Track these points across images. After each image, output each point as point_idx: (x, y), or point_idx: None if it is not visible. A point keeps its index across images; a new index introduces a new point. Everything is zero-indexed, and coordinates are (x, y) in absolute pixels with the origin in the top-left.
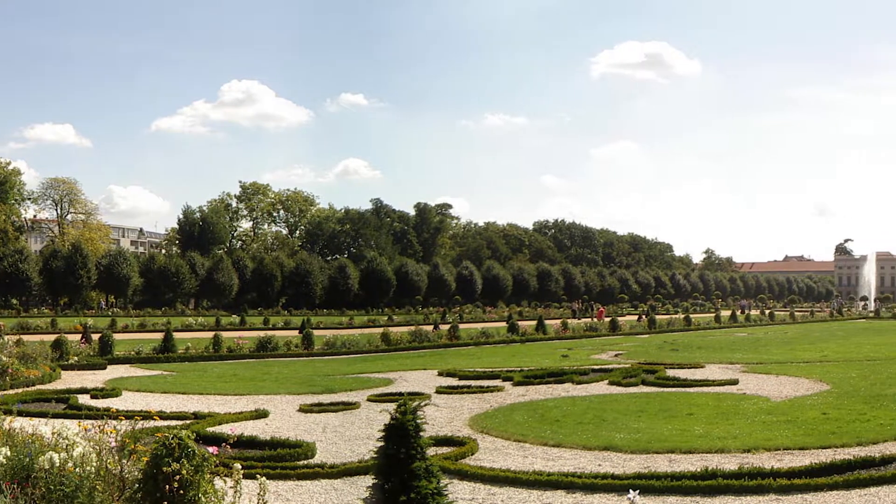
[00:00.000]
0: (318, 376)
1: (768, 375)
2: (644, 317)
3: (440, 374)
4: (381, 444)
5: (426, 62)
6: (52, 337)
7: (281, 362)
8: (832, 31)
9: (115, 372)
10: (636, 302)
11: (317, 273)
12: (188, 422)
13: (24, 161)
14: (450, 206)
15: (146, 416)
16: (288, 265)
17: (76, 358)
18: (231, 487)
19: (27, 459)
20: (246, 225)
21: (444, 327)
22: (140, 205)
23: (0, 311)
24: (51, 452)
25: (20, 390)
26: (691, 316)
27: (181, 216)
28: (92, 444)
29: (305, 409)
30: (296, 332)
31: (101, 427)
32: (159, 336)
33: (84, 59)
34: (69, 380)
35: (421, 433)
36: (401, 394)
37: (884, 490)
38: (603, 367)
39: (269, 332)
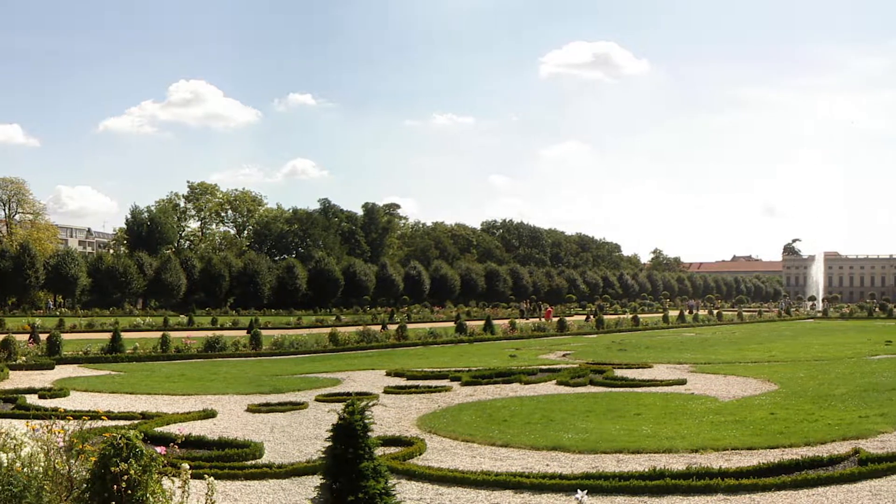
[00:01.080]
0: (266, 376)
1: (716, 375)
2: (592, 317)
3: (388, 374)
4: (329, 444)
5: (374, 62)
6: (0, 337)
7: (229, 362)
8: (779, 30)
9: (63, 372)
10: (584, 302)
11: (265, 273)
12: (136, 422)
13: None
14: (398, 207)
15: (94, 416)
16: (236, 265)
17: (24, 358)
18: (179, 487)
19: None
20: (194, 225)
21: (392, 327)
22: (88, 205)
23: None
24: None
25: None
26: (639, 316)
27: (129, 216)
28: (40, 444)
29: (253, 409)
30: (244, 332)
31: (49, 427)
32: (107, 336)
33: (32, 58)
34: (17, 380)
35: (369, 433)
36: (349, 394)
37: (832, 490)
38: (551, 367)
39: (217, 332)
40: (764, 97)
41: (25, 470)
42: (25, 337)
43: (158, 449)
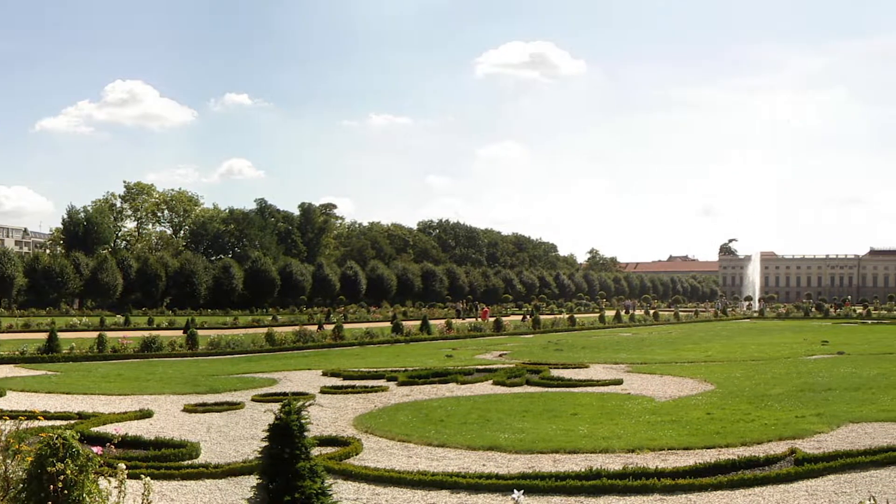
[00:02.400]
0: (202, 376)
1: (653, 375)
2: (528, 317)
3: (325, 374)
4: (266, 444)
5: (310, 62)
6: None
7: (165, 362)
8: (716, 30)
9: None
10: (521, 302)
11: (201, 273)
12: (73, 422)
13: None
14: (334, 206)
15: (31, 415)
16: (172, 265)
17: None
18: (116, 487)
19: None
20: (130, 225)
21: (329, 327)
22: (25, 205)
23: None
24: None
25: None
26: (576, 316)
27: (66, 216)
28: None
29: (190, 409)
30: (180, 333)
31: None
32: (44, 336)
33: None
34: None
35: (305, 433)
36: (285, 394)
37: (768, 490)
38: (487, 367)
39: (154, 332)
40: (701, 97)
41: None
42: None
43: (95, 449)
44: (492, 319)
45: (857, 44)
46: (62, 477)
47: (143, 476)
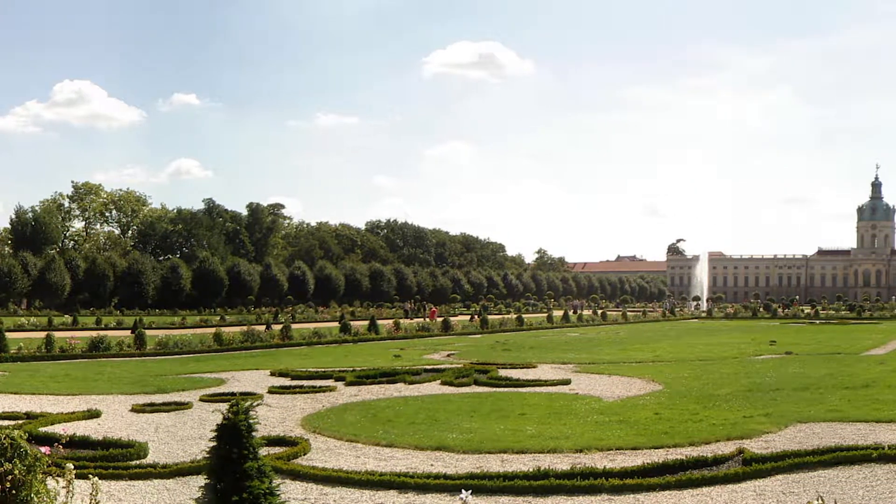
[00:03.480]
0: (150, 376)
1: (601, 375)
2: (476, 317)
3: (273, 374)
4: (214, 444)
5: (258, 62)
6: None
7: (113, 362)
8: (664, 31)
9: None
10: (469, 302)
11: (149, 273)
12: (20, 422)
13: None
14: (282, 206)
15: None
16: (120, 265)
17: None
18: (64, 487)
19: None
20: (78, 225)
21: (277, 327)
22: None
23: None
24: None
25: None
26: (524, 316)
27: (13, 216)
28: None
29: (138, 409)
30: (128, 333)
31: None
32: None
33: None
34: None
35: (253, 433)
36: (233, 394)
37: (716, 490)
38: (435, 367)
39: (102, 333)
40: (649, 97)
41: None
42: None
43: (43, 449)
44: (440, 319)
45: (800, 44)
46: (10, 477)
47: (91, 476)
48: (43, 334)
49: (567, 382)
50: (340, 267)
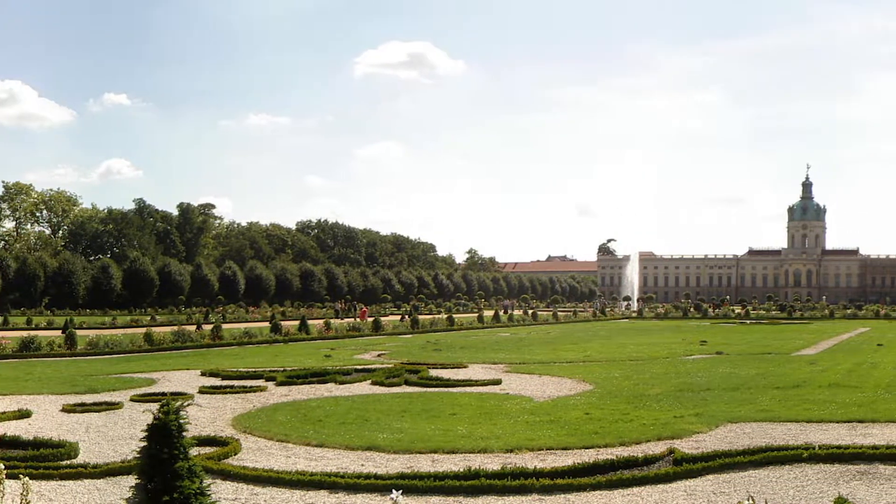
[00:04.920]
0: (81, 376)
1: (531, 375)
2: (407, 317)
3: (203, 374)
4: (145, 444)
5: (189, 62)
6: None
7: (44, 362)
8: (597, 31)
9: None
10: (399, 302)
11: (80, 273)
12: None
13: None
14: (213, 206)
15: None
16: (51, 265)
17: None
18: None
19: None
20: (9, 225)
21: (208, 327)
22: None
23: None
24: None
25: None
26: (454, 316)
27: None
28: None
29: (69, 409)
30: (59, 333)
31: None
32: None
33: None
34: None
35: (184, 433)
36: (164, 394)
37: (646, 490)
38: (366, 367)
39: (33, 332)
40: (581, 97)
41: None
42: None
43: None
44: (370, 319)
45: (733, 44)
46: None
47: (21, 476)
48: None
49: (498, 382)
50: (271, 267)
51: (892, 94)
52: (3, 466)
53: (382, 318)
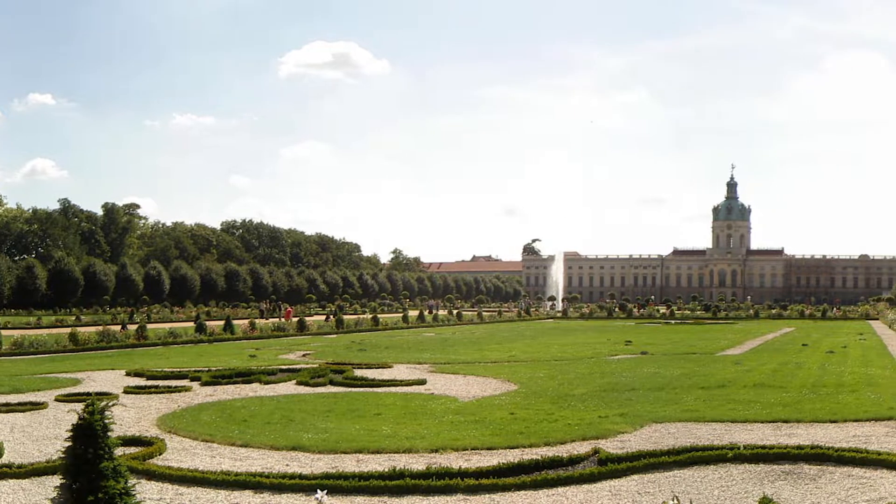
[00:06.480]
0: (5, 376)
1: (456, 375)
2: (332, 317)
3: (128, 374)
4: (69, 444)
5: (115, 62)
6: None
7: None
8: (523, 30)
9: None
10: (324, 302)
11: (4, 273)
12: None
13: None
14: (138, 207)
15: None
16: None
17: None
18: None
19: None
20: None
21: (133, 327)
22: None
23: None
24: None
25: None
26: (379, 316)
27: None
28: None
29: None
30: None
31: None
32: None
33: None
34: None
35: (109, 433)
36: (89, 394)
37: (571, 490)
38: (291, 367)
39: None
40: (507, 97)
41: None
42: None
43: None
44: (295, 319)
45: (656, 45)
46: None
47: None
48: None
49: (423, 382)
50: (196, 267)
51: (816, 95)
52: None
53: (307, 319)
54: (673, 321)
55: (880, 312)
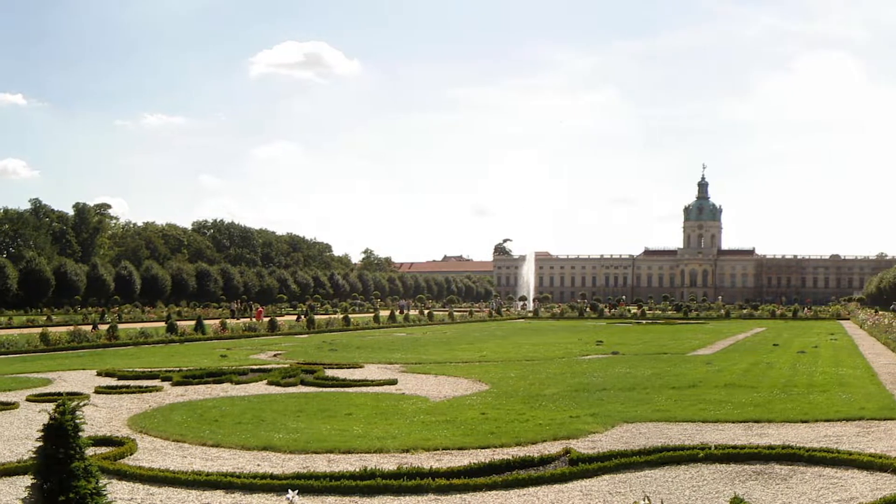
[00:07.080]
0: None
1: (427, 375)
2: (303, 317)
3: (99, 374)
4: (40, 443)
5: (85, 62)
6: None
7: None
8: (494, 31)
9: None
10: (295, 302)
11: None
12: None
13: None
14: (109, 207)
15: None
16: None
17: None
18: None
19: None
20: None
21: (104, 327)
22: None
23: None
24: None
25: None
26: (350, 316)
27: None
28: None
29: None
30: None
31: None
32: None
33: None
34: None
35: (80, 433)
36: (60, 394)
37: (542, 490)
38: (262, 367)
39: None
40: (478, 97)
41: None
42: None
43: None
44: (266, 319)
45: (626, 44)
46: None
47: None
48: None
49: (394, 382)
50: (167, 267)
51: (785, 95)
52: None
53: (279, 318)
54: (644, 321)
55: (851, 312)
